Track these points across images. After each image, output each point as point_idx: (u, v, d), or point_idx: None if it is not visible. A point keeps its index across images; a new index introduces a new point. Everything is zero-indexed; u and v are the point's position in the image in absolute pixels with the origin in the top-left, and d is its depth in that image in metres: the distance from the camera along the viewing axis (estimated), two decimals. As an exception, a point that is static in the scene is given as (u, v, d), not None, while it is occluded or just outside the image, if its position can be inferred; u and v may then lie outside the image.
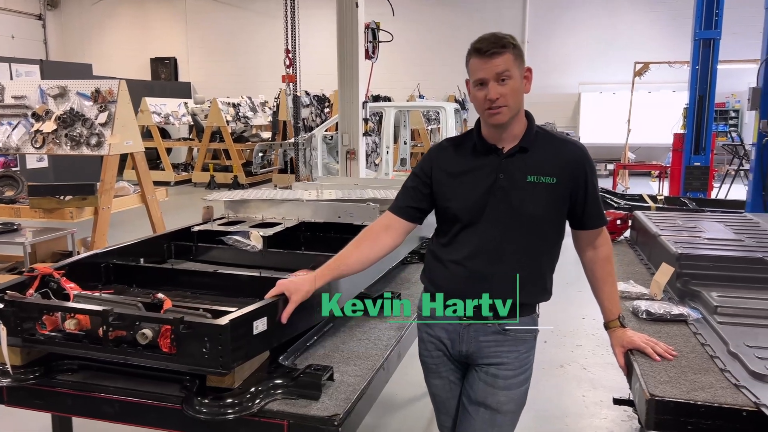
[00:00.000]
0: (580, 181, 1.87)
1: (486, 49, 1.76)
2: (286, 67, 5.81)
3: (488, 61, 1.77)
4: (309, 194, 3.18)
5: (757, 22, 6.43)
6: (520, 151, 1.86)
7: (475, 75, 1.80)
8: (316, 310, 2.12)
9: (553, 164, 1.85)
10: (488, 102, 1.78)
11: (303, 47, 14.50)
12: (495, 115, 1.80)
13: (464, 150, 1.95)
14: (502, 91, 1.77)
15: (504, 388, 1.92)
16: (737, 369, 1.75)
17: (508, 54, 1.77)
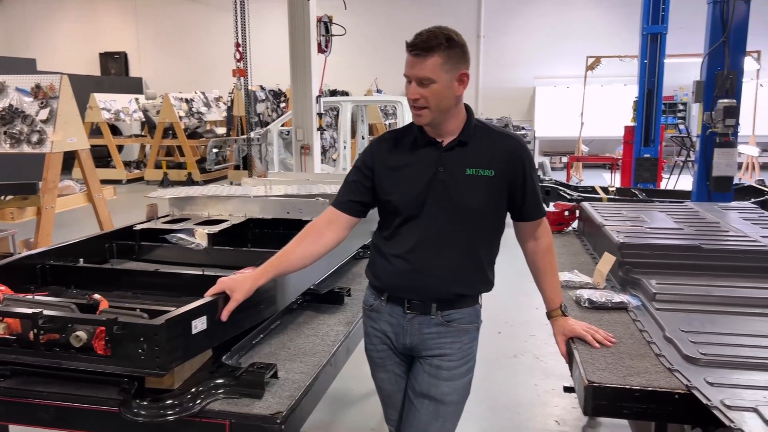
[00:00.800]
0: (518, 173, 1.89)
1: (413, 47, 1.78)
2: (237, 61, 5.71)
3: (414, 61, 1.79)
4: (257, 190, 3.13)
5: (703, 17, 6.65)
6: (459, 145, 1.89)
7: (405, 70, 1.82)
8: (261, 308, 2.09)
9: (492, 157, 1.87)
10: (410, 100, 1.82)
11: (257, 41, 14.29)
12: (416, 115, 1.84)
13: (405, 143, 1.95)
14: (422, 93, 1.79)
15: (447, 379, 1.94)
16: (672, 353, 1.80)
17: (436, 57, 1.76)
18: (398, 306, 1.96)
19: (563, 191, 8.50)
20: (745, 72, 7.66)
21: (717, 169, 6.37)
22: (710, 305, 2.15)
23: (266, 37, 15.37)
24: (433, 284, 1.90)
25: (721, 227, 2.88)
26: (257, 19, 15.28)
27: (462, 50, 1.82)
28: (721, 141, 6.31)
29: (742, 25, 6.23)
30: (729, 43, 6.25)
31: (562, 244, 3.34)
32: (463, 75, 1.84)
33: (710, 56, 6.35)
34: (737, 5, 6.18)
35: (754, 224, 2.94)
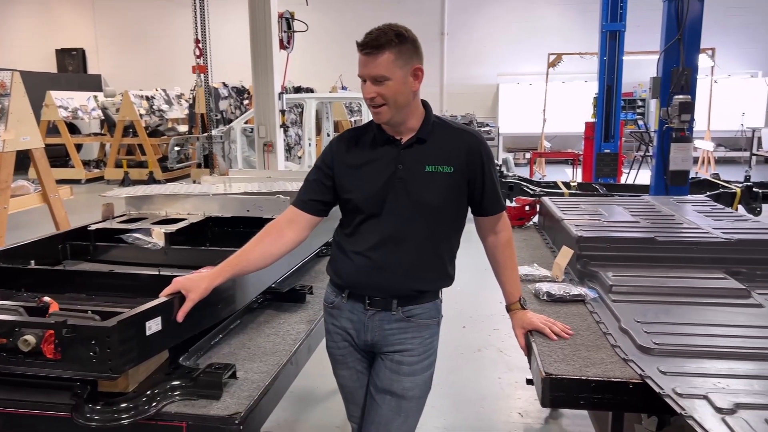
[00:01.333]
0: (477, 168, 1.91)
1: (363, 46, 1.78)
2: (197, 58, 5.61)
3: (366, 60, 1.79)
4: (216, 188, 3.08)
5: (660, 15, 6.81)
6: (418, 142, 1.89)
7: (358, 70, 1.82)
8: (219, 307, 2.06)
9: (450, 153, 1.89)
10: (367, 99, 1.83)
11: (219, 37, 14.15)
12: (375, 113, 1.84)
13: (364, 141, 1.96)
14: (378, 91, 1.80)
15: (409, 375, 1.94)
16: (627, 344, 1.84)
17: (388, 53, 1.77)
18: (359, 303, 1.96)
19: (526, 187, 8.62)
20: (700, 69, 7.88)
21: (674, 164, 6.53)
22: (664, 296, 2.19)
23: (229, 33, 15.17)
24: (394, 281, 1.90)
25: (676, 220, 2.95)
26: (219, 15, 15.09)
27: (413, 45, 1.83)
28: (677, 136, 6.47)
29: (696, 22, 6.39)
30: (684, 40, 6.41)
31: (522, 239, 3.38)
32: (417, 69, 1.85)
33: (666, 53, 6.50)
34: (691, 3, 6.33)
35: (707, 216, 3.02)
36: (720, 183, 8.14)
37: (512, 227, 3.60)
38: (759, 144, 14.13)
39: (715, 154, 13.32)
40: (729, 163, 14.29)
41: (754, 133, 14.23)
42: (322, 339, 2.49)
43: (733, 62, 15.16)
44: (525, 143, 15.90)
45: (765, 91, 15.02)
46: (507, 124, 16.00)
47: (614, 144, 9.48)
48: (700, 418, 1.39)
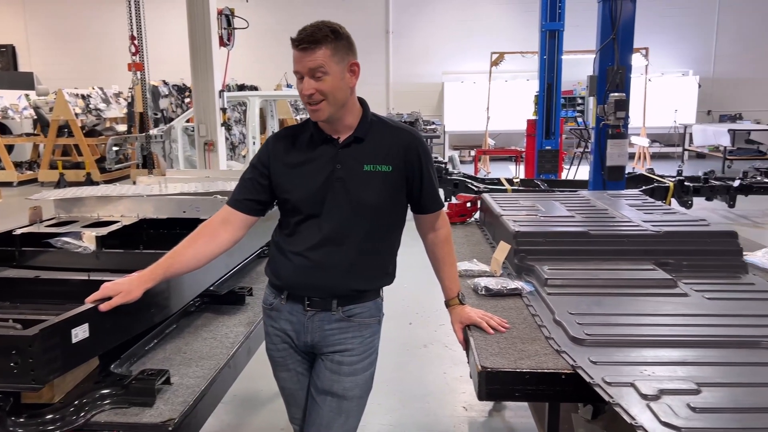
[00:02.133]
0: (415, 166, 1.91)
1: (299, 41, 1.76)
2: (132, 55, 5.44)
3: (302, 56, 1.77)
4: (151, 189, 2.99)
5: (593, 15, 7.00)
6: (356, 141, 1.88)
7: (294, 67, 1.80)
8: (152, 312, 2.00)
9: (389, 152, 1.88)
10: (305, 96, 1.80)
11: (159, 34, 13.78)
12: (314, 111, 1.81)
13: (301, 140, 1.93)
14: (317, 86, 1.78)
15: (349, 374, 1.93)
16: (560, 335, 1.88)
17: (324, 48, 1.76)
18: (298, 304, 1.93)
19: (471, 184, 8.74)
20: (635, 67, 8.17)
21: (610, 159, 6.75)
22: (597, 288, 2.26)
23: (169, 29, 14.79)
24: (334, 281, 1.89)
25: (609, 214, 3.05)
26: (158, 11, 14.68)
27: (348, 42, 1.82)
28: (614, 133, 6.69)
29: (629, 23, 6.62)
30: (618, 40, 6.62)
31: (464, 235, 3.42)
32: (353, 65, 1.85)
33: (601, 53, 6.70)
34: (624, 4, 6.56)
35: (638, 210, 3.12)
36: (654, 178, 8.46)
37: (454, 224, 3.69)
38: (691, 140, 14.76)
39: (650, 149, 13.84)
40: (663, 158, 14.89)
41: (686, 129, 14.85)
42: (263, 341, 2.46)
43: (666, 61, 15.79)
44: (470, 141, 16.12)
45: (695, 88, 15.71)
46: (452, 122, 16.19)
47: (555, 141, 9.72)
48: (627, 405, 1.44)
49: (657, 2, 14.97)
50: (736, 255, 2.53)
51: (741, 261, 2.52)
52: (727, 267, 2.50)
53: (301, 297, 1.92)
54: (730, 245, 2.55)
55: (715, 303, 2.12)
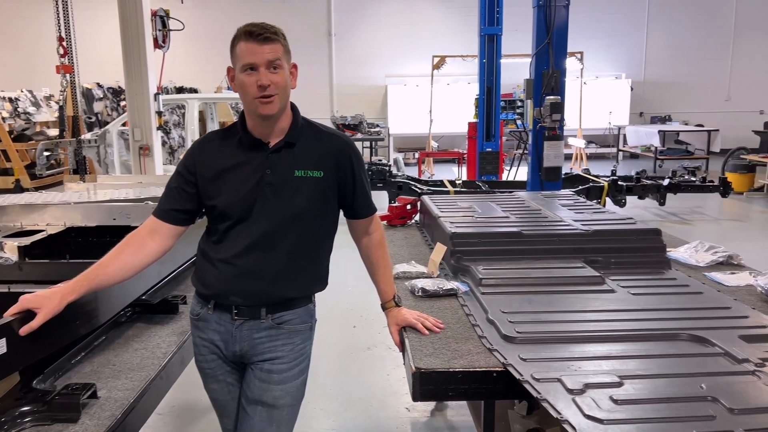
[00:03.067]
0: (347, 172, 1.92)
1: (259, 33, 1.73)
2: (60, 57, 5.23)
3: (261, 46, 1.74)
4: (79, 196, 2.89)
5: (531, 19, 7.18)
6: (287, 146, 1.86)
7: (245, 59, 1.75)
8: (77, 324, 1.93)
9: (320, 158, 1.87)
10: (259, 89, 1.74)
11: (92, 34, 13.31)
12: (266, 104, 1.77)
13: (229, 144, 1.89)
14: (273, 79, 1.76)
15: (279, 383, 1.90)
16: (492, 334, 1.92)
17: (279, 44, 1.77)
18: (226, 313, 1.89)
19: (415, 186, 8.83)
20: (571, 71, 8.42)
21: (547, 161, 6.93)
22: (529, 286, 2.32)
23: (103, 30, 14.27)
24: (263, 288, 1.86)
25: (542, 214, 3.13)
26: (91, 11, 14.17)
27: (288, 46, 1.84)
28: (550, 135, 6.88)
29: (562, 28, 6.82)
30: (552, 44, 6.81)
31: (403, 237, 3.45)
32: (294, 67, 1.87)
33: (537, 57, 6.89)
34: (558, 10, 6.75)
35: (570, 210, 3.22)
36: (590, 178, 8.75)
37: (394, 226, 3.71)
38: (624, 141, 15.35)
39: (587, 150, 14.31)
40: (599, 158, 15.42)
41: (620, 130, 15.43)
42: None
43: (600, 65, 16.37)
44: (414, 143, 16.26)
45: (628, 91, 16.35)
46: (396, 124, 16.28)
47: (495, 143, 9.91)
48: (553, 400, 1.49)
49: (591, 8, 15.50)
50: (660, 251, 2.65)
51: (664, 257, 2.64)
52: (651, 263, 2.61)
53: (228, 306, 1.88)
54: (654, 242, 2.66)
55: (639, 298, 2.20)
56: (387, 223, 3.74)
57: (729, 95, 17.01)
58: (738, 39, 16.72)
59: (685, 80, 16.89)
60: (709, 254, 2.73)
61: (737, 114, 16.42)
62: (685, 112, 16.52)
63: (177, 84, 12.67)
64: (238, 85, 1.79)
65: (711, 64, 16.79)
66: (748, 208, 9.83)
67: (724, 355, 1.72)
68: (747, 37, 16.60)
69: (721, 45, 16.77)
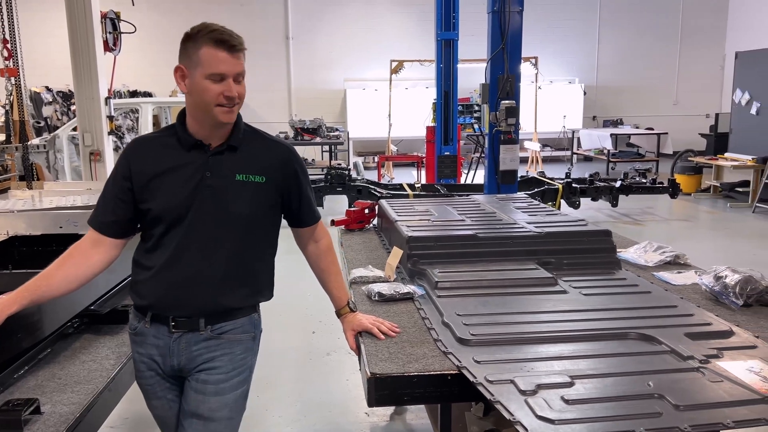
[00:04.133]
0: (292, 181, 1.91)
1: (232, 44, 1.72)
2: (5, 60, 5.05)
3: (231, 57, 1.72)
4: (24, 203, 2.78)
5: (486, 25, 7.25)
6: (229, 149, 1.83)
7: (214, 68, 1.71)
8: (19, 337, 1.86)
9: (263, 164, 1.86)
10: (226, 99, 1.73)
11: (40, 36, 12.90)
12: (228, 113, 1.76)
13: (166, 146, 1.84)
14: (239, 90, 1.76)
15: (215, 394, 1.83)
16: (447, 337, 1.93)
17: (244, 54, 1.77)
18: (163, 326, 1.83)
19: (374, 190, 8.84)
20: (526, 76, 8.56)
21: (503, 164, 7.04)
22: (484, 288, 2.34)
23: (51, 32, 13.83)
24: (200, 296, 1.81)
25: (497, 217, 3.17)
26: (40, 12, 13.74)
27: None
28: (505, 138, 6.99)
29: (517, 34, 6.93)
30: (507, 50, 6.92)
31: (361, 241, 3.44)
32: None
33: (492, 62, 6.98)
34: (512, 16, 6.86)
35: (524, 212, 3.27)
36: (545, 180, 8.92)
37: (352, 230, 3.70)
38: (578, 144, 15.69)
39: (542, 153, 14.58)
40: (554, 161, 15.72)
41: (573, 134, 15.77)
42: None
43: (554, 70, 16.71)
44: (374, 147, 16.28)
45: (581, 95, 16.73)
46: (356, 128, 16.27)
47: (453, 147, 10.01)
48: (506, 402, 1.50)
49: (545, 15, 15.81)
50: (611, 252, 2.71)
51: (615, 258, 2.70)
52: (602, 264, 2.67)
53: (165, 318, 1.82)
54: (605, 243, 2.72)
55: (590, 298, 2.25)
56: (345, 227, 3.73)
57: (677, 99, 17.58)
58: (684, 45, 17.32)
59: (636, 85, 17.39)
60: (657, 254, 2.81)
61: (684, 117, 16.99)
62: (636, 116, 17.00)
63: (131, 88, 12.39)
64: (196, 89, 1.74)
65: (659, 70, 17.33)
66: (695, 208, 10.18)
67: (671, 352, 1.77)
68: (692, 43, 17.22)
69: (668, 51, 17.34)
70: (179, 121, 1.85)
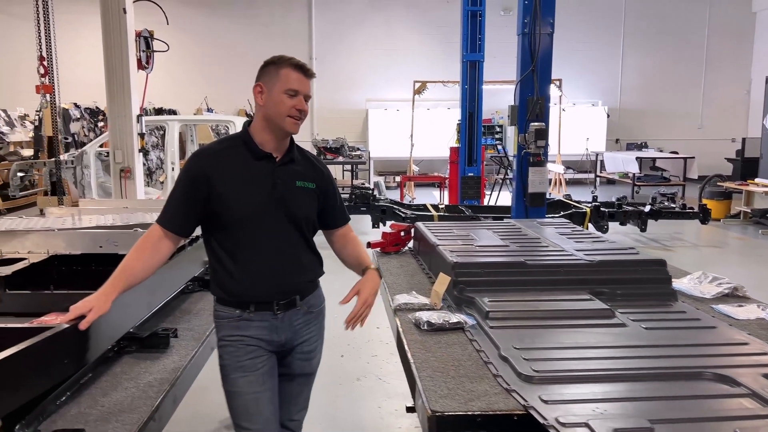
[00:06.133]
0: (330, 189, 2.28)
1: (307, 69, 2.11)
2: (41, 77, 5.08)
3: (307, 80, 2.10)
4: (63, 222, 2.74)
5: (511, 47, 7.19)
6: (290, 161, 2.16)
7: (292, 84, 2.05)
8: (66, 363, 1.79)
9: (313, 174, 2.22)
10: (296, 111, 2.07)
11: (70, 54, 13.10)
12: (295, 124, 2.10)
13: (237, 155, 2.10)
14: (306, 108, 2.11)
15: (314, 356, 2.30)
16: (508, 373, 1.83)
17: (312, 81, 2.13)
18: (266, 311, 2.11)
19: (398, 210, 8.77)
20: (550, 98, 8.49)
21: (532, 186, 6.93)
22: (538, 320, 2.25)
23: (81, 51, 14.12)
24: (293, 279, 2.14)
25: (542, 243, 3.07)
26: (70, 31, 13.98)
27: None
28: (534, 161, 6.89)
29: (547, 55, 6.88)
30: (537, 71, 6.87)
31: (399, 265, 3.36)
32: None
33: (522, 83, 6.92)
34: (542, 38, 6.82)
35: (568, 238, 3.17)
36: (572, 203, 8.79)
37: (388, 253, 3.62)
38: (602, 167, 15.54)
39: (566, 176, 14.44)
40: (576, 184, 15.57)
41: (597, 156, 15.63)
42: (189, 388, 2.28)
43: (577, 92, 16.63)
44: (394, 167, 16.25)
45: (604, 118, 16.62)
46: (377, 148, 16.28)
47: (477, 168, 9.93)
48: (583, 447, 1.40)
49: (567, 37, 15.76)
50: (666, 283, 2.60)
51: (670, 289, 2.59)
52: (657, 295, 2.56)
53: (268, 303, 2.11)
54: (659, 273, 2.61)
55: (652, 333, 2.14)
56: (380, 250, 3.66)
57: (701, 123, 17.39)
58: (709, 69, 17.17)
59: (659, 108, 17.25)
60: (713, 286, 2.69)
61: (710, 142, 16.79)
62: (660, 139, 16.83)
63: (155, 105, 12.51)
64: (273, 101, 2.06)
65: (684, 93, 17.18)
66: (725, 234, 9.97)
67: (752, 395, 1.65)
68: (717, 67, 17.07)
69: (693, 75, 17.19)
70: (245, 134, 2.14)
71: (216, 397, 3.27)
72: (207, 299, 2.92)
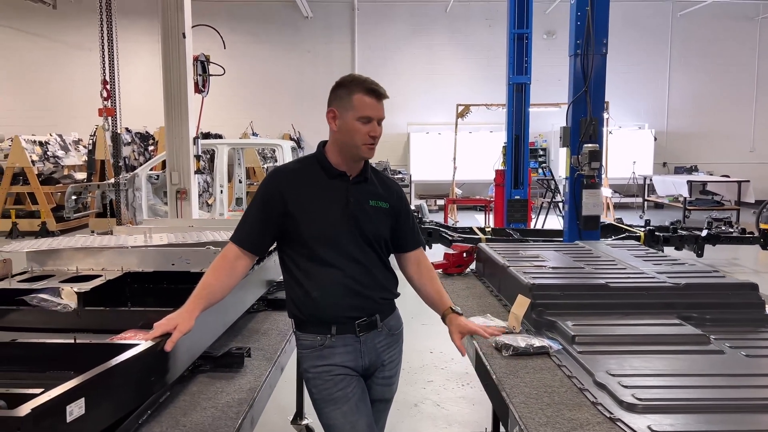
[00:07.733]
0: (404, 208, 2.26)
1: (381, 93, 2.06)
2: (104, 100, 5.22)
3: (379, 104, 2.07)
4: (135, 240, 2.76)
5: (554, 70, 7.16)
6: (364, 180, 2.16)
7: (365, 111, 2.03)
8: (152, 380, 1.77)
9: (386, 193, 2.21)
10: (370, 138, 2.05)
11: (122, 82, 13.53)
12: (371, 150, 2.08)
13: (312, 174, 2.12)
14: (379, 132, 2.09)
15: (394, 381, 2.29)
16: (607, 401, 1.73)
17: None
18: (348, 334, 2.08)
19: (444, 232, 8.68)
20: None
21: (586, 209, 6.76)
22: (628, 345, 2.13)
23: (132, 78, 14.54)
24: (372, 297, 2.12)
25: (618, 265, 2.95)
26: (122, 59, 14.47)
27: None
28: (588, 183, 6.74)
29: (600, 76, 6.76)
30: (590, 92, 6.75)
31: (465, 287, 3.28)
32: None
33: (574, 104, 6.81)
34: (596, 58, 6.72)
35: (645, 261, 3.04)
36: (624, 227, 8.56)
37: (451, 275, 3.54)
38: (651, 190, 15.18)
39: (613, 199, 14.15)
40: (623, 208, 15.23)
41: (645, 180, 15.29)
42: (264, 409, 2.23)
43: (624, 115, 16.36)
44: (435, 190, 16.20)
45: (651, 141, 16.28)
46: (418, 171, 16.29)
47: (523, 191, 9.80)
48: (712, 483, 1.29)
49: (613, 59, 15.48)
50: (759, 308, 2.45)
51: (764, 314, 2.44)
52: (749, 321, 2.41)
53: (350, 325, 2.09)
54: (752, 297, 2.47)
55: (755, 361, 2.01)
56: (443, 271, 3.58)
57: (753, 146, 16.89)
58: (761, 90, 16.71)
59: (708, 130, 16.83)
60: (807, 312, 2.52)
61: (763, 165, 16.26)
62: (709, 163, 16.39)
63: (203, 129, 12.77)
64: (347, 128, 2.04)
65: (734, 115, 16.74)
66: (785, 260, 9.56)
67: None
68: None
69: (744, 95, 16.75)
70: (320, 154, 2.14)
71: (277, 419, 3.21)
72: (273, 319, 2.89)
